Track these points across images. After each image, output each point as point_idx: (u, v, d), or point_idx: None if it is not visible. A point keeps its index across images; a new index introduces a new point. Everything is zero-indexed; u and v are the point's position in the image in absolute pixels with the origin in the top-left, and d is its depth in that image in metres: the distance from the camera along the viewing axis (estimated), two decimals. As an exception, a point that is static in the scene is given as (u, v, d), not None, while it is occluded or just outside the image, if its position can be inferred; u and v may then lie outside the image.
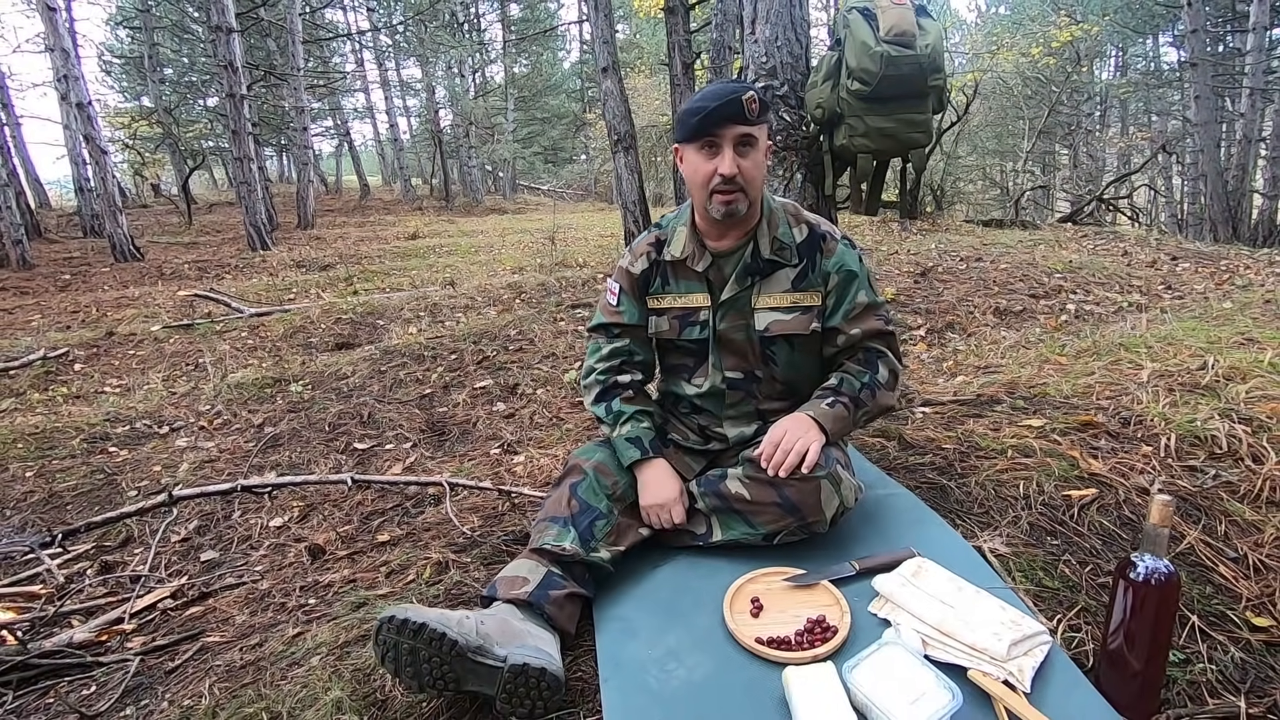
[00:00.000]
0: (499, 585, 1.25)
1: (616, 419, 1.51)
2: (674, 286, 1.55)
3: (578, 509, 1.36)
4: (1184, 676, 1.10)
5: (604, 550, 1.33)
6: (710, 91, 1.38)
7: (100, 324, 5.52)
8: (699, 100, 1.38)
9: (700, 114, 1.35)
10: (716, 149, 1.38)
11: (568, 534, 1.31)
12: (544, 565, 1.27)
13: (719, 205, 1.40)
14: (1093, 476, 1.60)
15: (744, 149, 1.38)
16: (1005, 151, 16.99)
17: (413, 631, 1.05)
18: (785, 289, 1.49)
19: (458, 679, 1.07)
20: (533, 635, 1.15)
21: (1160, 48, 19.18)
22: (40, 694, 1.49)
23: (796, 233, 1.50)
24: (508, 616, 1.17)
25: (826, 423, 1.39)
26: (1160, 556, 1.01)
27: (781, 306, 1.49)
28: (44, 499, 2.57)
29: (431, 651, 1.05)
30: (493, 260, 8.20)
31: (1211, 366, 2.08)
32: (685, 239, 1.52)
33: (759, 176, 1.42)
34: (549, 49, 25.28)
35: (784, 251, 1.49)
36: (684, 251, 1.52)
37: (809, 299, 1.49)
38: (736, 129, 1.35)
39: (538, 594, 1.22)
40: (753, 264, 1.48)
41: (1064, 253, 5.29)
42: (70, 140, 12.05)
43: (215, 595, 1.86)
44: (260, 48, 16.24)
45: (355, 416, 3.07)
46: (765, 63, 2.70)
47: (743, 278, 1.49)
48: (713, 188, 1.39)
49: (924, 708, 0.98)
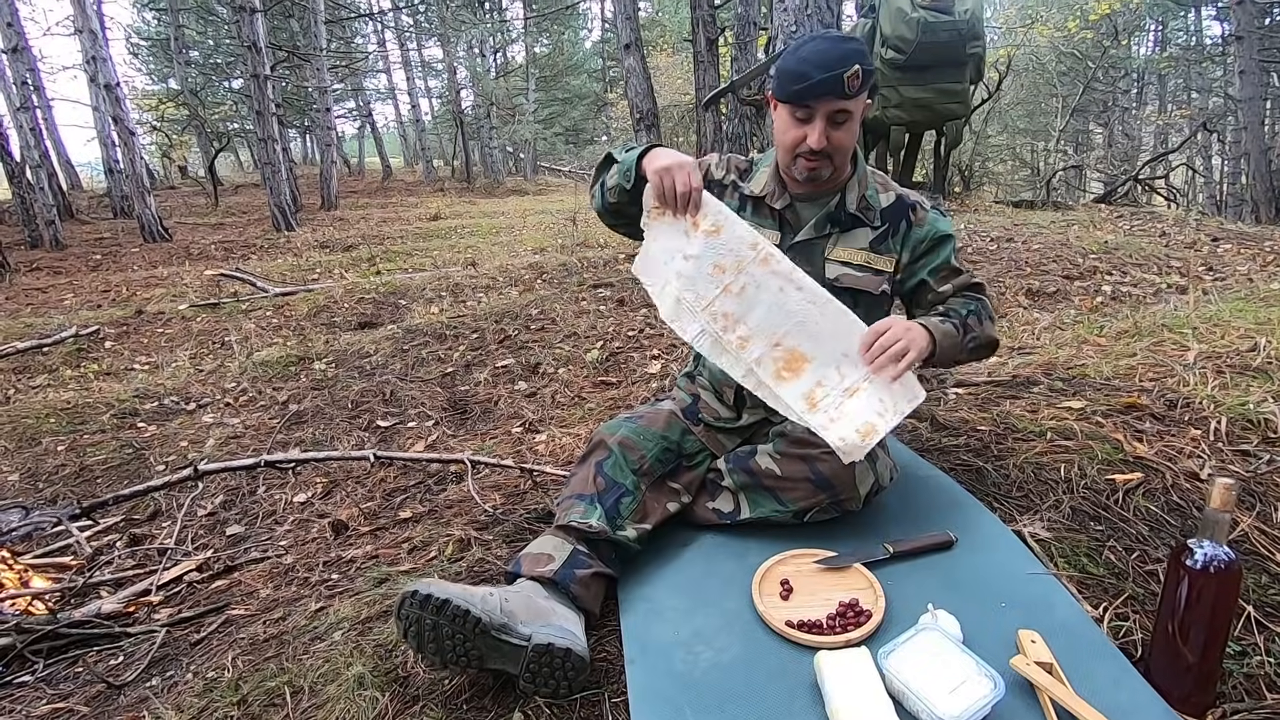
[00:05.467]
0: (523, 562, 1.23)
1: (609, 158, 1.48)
2: (749, 216, 1.50)
3: (604, 486, 1.33)
4: (1240, 670, 1.04)
5: (630, 528, 1.30)
6: (814, 56, 1.29)
7: (130, 303, 5.60)
8: (801, 63, 1.30)
9: (800, 82, 1.29)
10: (810, 117, 1.32)
11: (594, 511, 1.28)
12: (570, 543, 1.25)
13: (803, 169, 1.37)
14: (1138, 460, 1.53)
15: (839, 120, 1.32)
16: (1037, 130, 16.51)
17: (435, 608, 1.03)
18: (862, 246, 1.44)
19: (480, 657, 1.05)
20: (558, 614, 1.12)
21: (1203, 21, 18.46)
22: (69, 663, 1.51)
23: (884, 198, 1.46)
24: (532, 594, 1.14)
25: (938, 334, 1.30)
26: (1220, 543, 0.96)
27: (854, 262, 1.44)
28: (75, 472, 2.61)
29: (454, 628, 1.03)
30: (514, 241, 8.17)
31: (1263, 348, 1.98)
32: (767, 178, 1.48)
33: (850, 146, 1.38)
34: (570, 28, 25.00)
35: (868, 212, 1.44)
36: (764, 189, 1.48)
37: (883, 263, 1.44)
38: (834, 103, 1.30)
39: (564, 572, 1.20)
40: (836, 214, 1.44)
41: (1099, 233, 5.12)
42: (99, 122, 12.17)
43: (240, 569, 1.88)
44: (283, 29, 16.25)
45: (378, 394, 3.07)
46: (795, 31, 2.61)
47: (822, 224, 1.44)
48: (798, 153, 1.35)
49: (964, 696, 0.94)
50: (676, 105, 16.52)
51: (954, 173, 8.30)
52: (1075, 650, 1.05)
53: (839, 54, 1.28)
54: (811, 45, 1.31)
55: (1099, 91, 15.23)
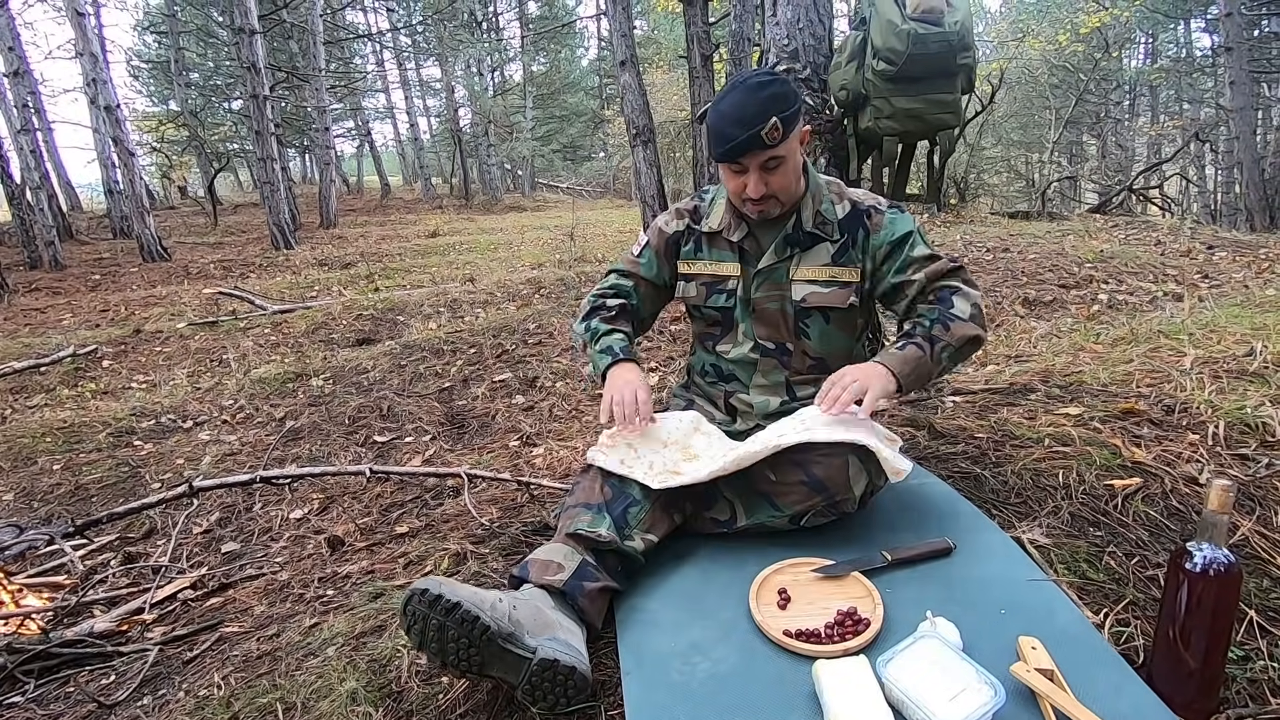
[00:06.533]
0: (531, 568, 1.21)
1: (594, 335, 1.55)
2: (706, 254, 1.56)
3: (610, 495, 1.31)
4: (1243, 674, 1.03)
5: (638, 539, 1.28)
6: (732, 111, 1.33)
7: (128, 322, 5.61)
8: (721, 120, 1.34)
9: (724, 143, 1.34)
10: (743, 170, 1.38)
11: (602, 520, 1.27)
12: (579, 553, 1.23)
13: (752, 211, 1.44)
14: (1136, 465, 1.53)
15: (770, 167, 1.37)
16: (1031, 142, 16.63)
17: (445, 609, 1.01)
18: (824, 262, 1.47)
19: (483, 663, 1.03)
20: (563, 628, 1.11)
21: (1192, 33, 18.65)
22: (61, 683, 1.49)
23: (839, 209, 1.49)
24: (540, 604, 1.13)
25: (896, 365, 1.30)
26: (1220, 545, 0.95)
27: (819, 279, 1.47)
28: (70, 491, 2.60)
29: (461, 632, 1.01)
30: (512, 257, 8.20)
31: (1259, 353, 1.98)
32: (723, 211, 1.53)
33: (790, 182, 1.42)
34: (567, 46, 25.26)
35: (825, 226, 1.47)
36: (720, 224, 1.53)
37: (847, 275, 1.47)
38: (760, 156, 1.34)
39: (572, 584, 1.18)
40: (794, 235, 1.47)
41: (1094, 243, 5.14)
42: (100, 144, 12.26)
43: (235, 586, 1.86)
44: (282, 50, 16.42)
45: (375, 410, 3.06)
46: (787, 45, 2.63)
47: (782, 249, 1.48)
48: (744, 198, 1.41)
49: (964, 704, 0.93)
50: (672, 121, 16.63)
51: (949, 185, 8.34)
52: (1076, 657, 1.04)
53: (755, 109, 1.31)
54: (730, 99, 1.35)
55: (1091, 103, 15.37)
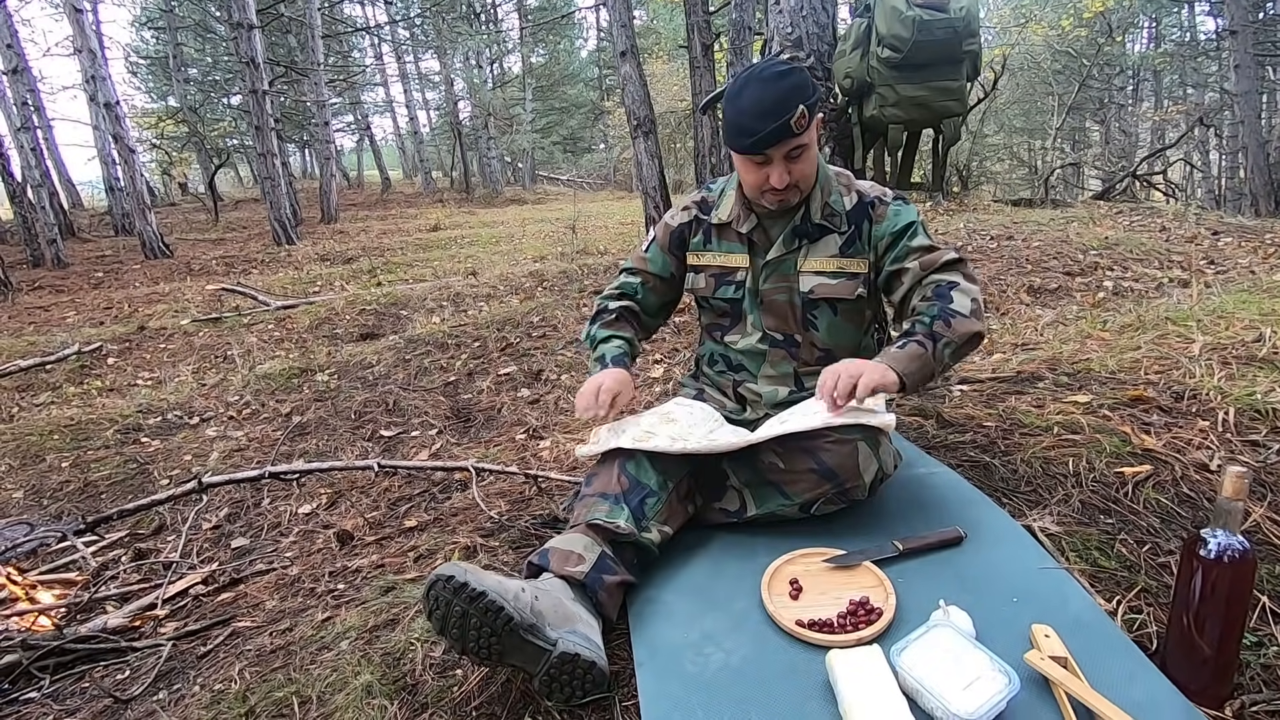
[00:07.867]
0: (551, 557, 1.20)
1: (592, 343, 1.58)
2: (715, 246, 1.56)
3: (628, 486, 1.30)
4: (1258, 660, 1.03)
5: (655, 531, 1.28)
6: (753, 106, 1.30)
7: (132, 319, 5.62)
8: (742, 115, 1.32)
9: (749, 136, 1.32)
10: (767, 161, 1.36)
11: (620, 511, 1.26)
12: (599, 544, 1.22)
13: (772, 201, 1.42)
14: (1146, 452, 1.52)
15: (795, 155, 1.36)
16: (1033, 129, 16.53)
17: (469, 597, 1.01)
18: (832, 254, 1.47)
19: (502, 652, 1.03)
20: (583, 621, 1.11)
21: (1196, 17, 18.49)
22: (76, 679, 1.50)
23: (847, 200, 1.48)
24: (561, 596, 1.13)
25: (897, 363, 1.27)
26: (1234, 532, 0.95)
27: (827, 271, 1.47)
28: (79, 488, 2.61)
29: (484, 620, 1.01)
30: (514, 250, 8.19)
31: (1268, 339, 1.97)
32: (733, 203, 1.52)
33: (812, 170, 1.41)
34: (566, 37, 25.11)
35: (834, 218, 1.47)
36: (730, 215, 1.53)
37: (855, 266, 1.47)
38: (787, 145, 1.33)
39: (593, 576, 1.18)
40: (802, 227, 1.47)
41: (1098, 230, 5.11)
42: (100, 141, 12.26)
43: (246, 581, 1.87)
44: (281, 44, 16.35)
45: (381, 404, 3.07)
46: (790, 33, 2.61)
47: (790, 240, 1.48)
48: (765, 190, 1.39)
49: (979, 692, 0.93)
50: (673, 111, 16.58)
51: (952, 173, 8.30)
52: (1090, 644, 1.04)
53: (779, 99, 1.29)
54: (749, 92, 1.32)
55: (1095, 89, 15.25)
